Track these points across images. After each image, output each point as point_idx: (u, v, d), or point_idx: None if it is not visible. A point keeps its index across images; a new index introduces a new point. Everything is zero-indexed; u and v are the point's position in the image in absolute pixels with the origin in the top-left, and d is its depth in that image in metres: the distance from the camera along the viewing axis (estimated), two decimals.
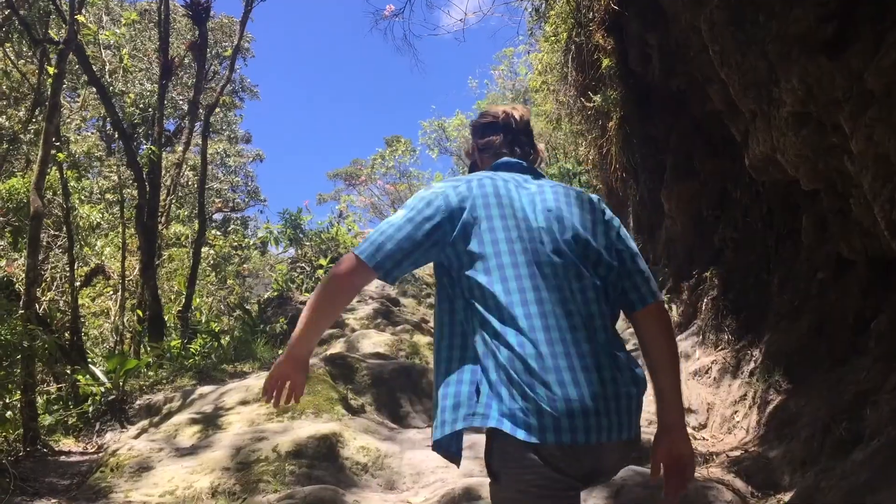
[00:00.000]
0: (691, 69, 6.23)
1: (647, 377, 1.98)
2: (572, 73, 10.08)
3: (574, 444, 1.70)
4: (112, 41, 10.49)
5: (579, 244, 1.93)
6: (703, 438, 4.80)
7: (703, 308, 6.23)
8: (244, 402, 5.58)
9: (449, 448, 1.86)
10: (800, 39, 3.76)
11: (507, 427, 1.71)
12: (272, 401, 2.06)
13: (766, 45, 4.03)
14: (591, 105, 9.09)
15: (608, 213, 2.09)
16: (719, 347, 5.64)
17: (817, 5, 3.68)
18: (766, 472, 3.84)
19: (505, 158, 2.18)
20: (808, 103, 3.77)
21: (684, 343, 6.19)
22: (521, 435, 1.69)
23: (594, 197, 2.12)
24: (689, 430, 4.87)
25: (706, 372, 5.48)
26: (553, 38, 10.40)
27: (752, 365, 4.97)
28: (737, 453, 4.24)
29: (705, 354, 5.74)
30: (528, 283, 1.83)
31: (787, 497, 3.44)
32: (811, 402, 4.01)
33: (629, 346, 2.05)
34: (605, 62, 8.36)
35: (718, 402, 5.13)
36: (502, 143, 2.22)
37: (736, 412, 4.85)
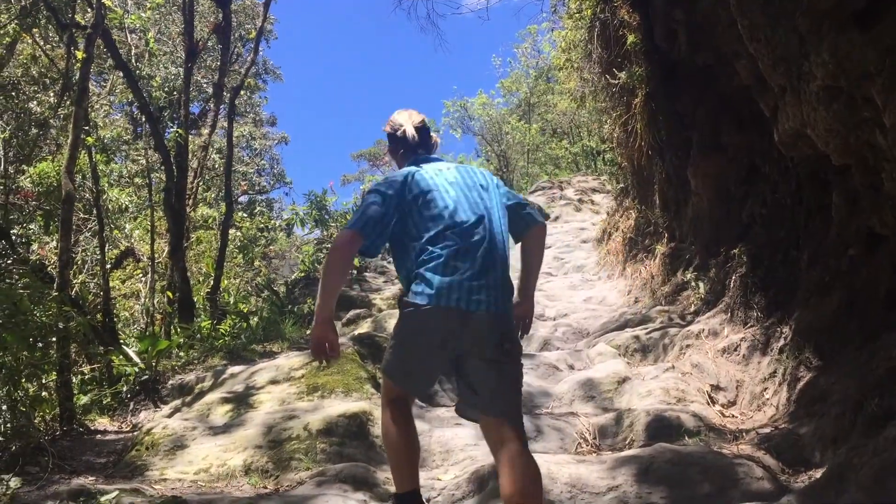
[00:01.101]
0: (718, 44, 6.16)
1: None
2: (597, 49, 10.00)
3: (448, 306, 2.81)
4: (138, 25, 10.54)
5: (486, 194, 3.19)
6: (733, 416, 4.79)
7: (732, 285, 6.19)
8: (274, 382, 5.65)
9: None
10: (830, 12, 3.70)
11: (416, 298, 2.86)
12: (320, 361, 3.03)
13: (797, 18, 3.97)
14: (616, 82, 9.02)
15: (501, 184, 3.35)
16: (748, 324, 5.60)
17: None
18: (797, 449, 3.82)
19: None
20: (839, 77, 3.71)
21: (712, 320, 6.16)
22: (420, 300, 2.84)
23: (491, 175, 3.36)
24: (718, 408, 4.87)
25: (735, 349, 5.46)
26: (577, 15, 10.33)
27: (781, 342, 4.94)
28: (767, 430, 4.23)
29: (734, 332, 5.71)
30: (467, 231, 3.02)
31: (818, 473, 3.43)
32: (842, 378, 3.99)
33: None
34: (631, 38, 8.29)
35: (748, 379, 5.11)
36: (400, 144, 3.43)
37: (765, 389, 4.83)
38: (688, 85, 7.43)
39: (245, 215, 16.29)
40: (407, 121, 3.41)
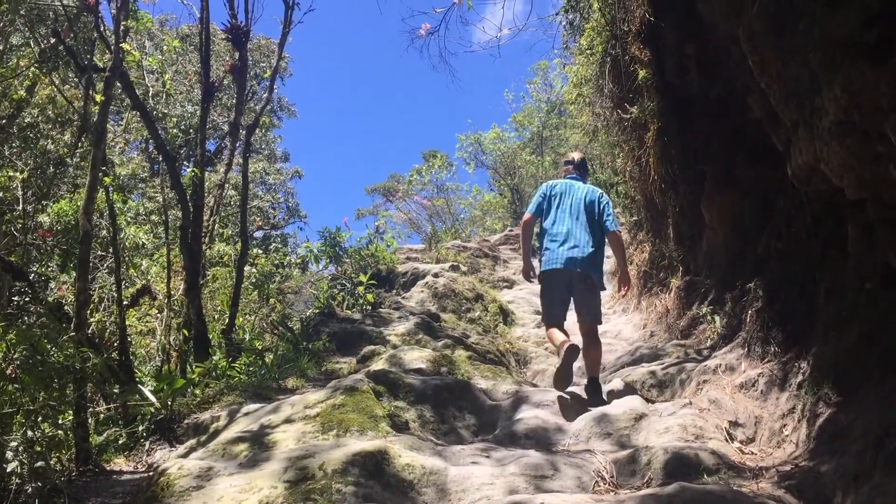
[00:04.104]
0: (730, 78, 6.19)
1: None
2: (608, 84, 10.07)
3: (567, 267, 6.38)
4: (155, 66, 10.70)
5: (586, 206, 6.60)
6: (752, 453, 4.73)
7: (748, 319, 6.15)
8: (290, 420, 5.63)
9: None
10: (842, 46, 3.72)
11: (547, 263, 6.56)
12: (529, 281, 7.19)
13: (808, 53, 4.00)
14: (628, 116, 9.06)
15: (607, 203, 6.61)
16: (765, 359, 5.56)
17: (860, 10, 3.64)
18: (818, 487, 3.77)
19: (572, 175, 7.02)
20: (852, 112, 3.72)
21: (729, 355, 6.11)
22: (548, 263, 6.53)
23: (604, 195, 6.68)
24: (737, 445, 4.82)
25: (753, 385, 5.41)
26: (588, 51, 10.41)
27: (800, 377, 4.89)
28: (787, 468, 4.18)
29: (751, 367, 5.66)
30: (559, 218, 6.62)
31: None
32: (862, 414, 3.94)
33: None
34: (642, 73, 8.35)
35: (766, 415, 5.05)
36: (569, 170, 7.08)
37: (785, 426, 4.77)
38: (700, 119, 7.46)
39: (260, 251, 16.36)
40: (570, 154, 7.38)
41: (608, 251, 6.96)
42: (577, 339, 6.57)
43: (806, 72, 4.09)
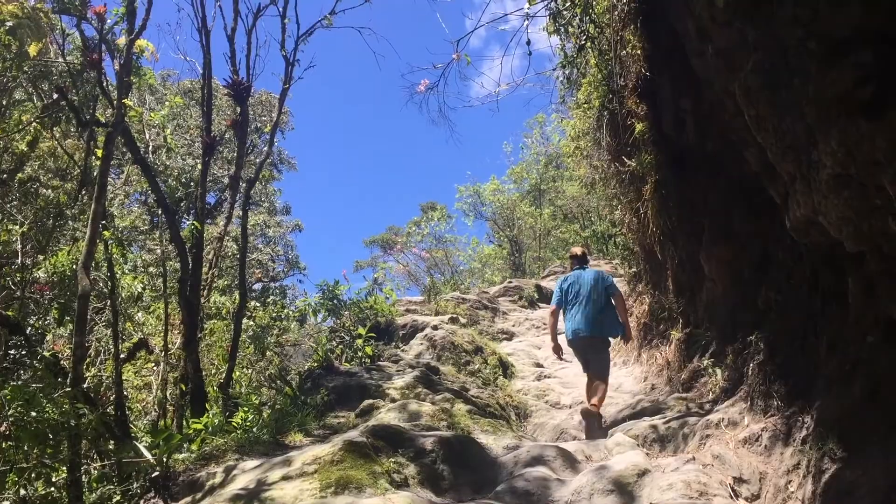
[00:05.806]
0: (726, 132, 6.24)
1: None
2: (606, 137, 10.17)
3: (577, 337, 8.49)
4: (157, 121, 10.80)
5: (593, 284, 8.61)
6: None
7: (750, 373, 6.10)
8: (286, 478, 5.54)
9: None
10: (837, 102, 3.75)
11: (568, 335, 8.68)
12: (559, 358, 9.27)
13: (803, 108, 4.03)
14: (626, 169, 9.13)
15: (607, 279, 8.72)
16: (769, 414, 5.49)
17: (854, 67, 3.68)
18: None
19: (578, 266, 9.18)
20: (849, 165, 3.74)
21: (732, 409, 6.04)
22: (568, 335, 8.64)
23: (603, 273, 8.87)
24: (742, 502, 4.74)
25: (756, 440, 5.34)
26: (585, 105, 10.54)
27: (804, 432, 4.83)
28: None
29: (754, 421, 5.59)
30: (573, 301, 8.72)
31: None
32: (868, 471, 3.88)
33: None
34: (639, 127, 8.43)
35: (771, 471, 4.98)
36: (574, 264, 9.23)
37: (790, 482, 4.70)
38: (698, 171, 7.50)
39: (258, 304, 16.29)
40: (573, 250, 9.31)
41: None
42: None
43: (802, 126, 4.12)
